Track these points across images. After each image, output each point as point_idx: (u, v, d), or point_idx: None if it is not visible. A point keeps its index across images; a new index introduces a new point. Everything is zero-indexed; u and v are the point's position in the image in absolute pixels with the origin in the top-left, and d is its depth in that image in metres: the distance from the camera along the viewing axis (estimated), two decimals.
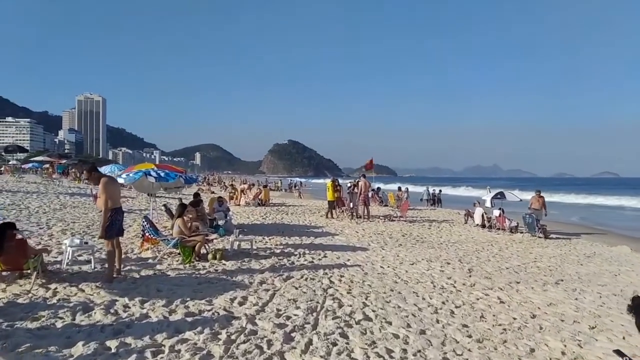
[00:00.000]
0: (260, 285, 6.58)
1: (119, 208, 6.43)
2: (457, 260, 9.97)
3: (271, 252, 9.51)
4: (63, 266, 6.87)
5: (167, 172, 8.62)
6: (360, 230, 14.30)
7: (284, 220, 16.40)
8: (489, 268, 9.22)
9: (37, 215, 13.26)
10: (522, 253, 11.66)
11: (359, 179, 17.95)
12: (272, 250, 9.84)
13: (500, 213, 16.39)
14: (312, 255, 9.45)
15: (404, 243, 12.13)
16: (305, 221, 16.37)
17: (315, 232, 13.53)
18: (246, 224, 14.68)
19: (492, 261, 10.11)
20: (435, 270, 8.64)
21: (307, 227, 14.77)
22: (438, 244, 12.46)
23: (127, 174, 8.67)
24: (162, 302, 5.40)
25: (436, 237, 13.94)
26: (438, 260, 9.81)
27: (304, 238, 11.99)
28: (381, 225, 16.02)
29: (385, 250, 10.82)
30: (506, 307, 6.22)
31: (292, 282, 6.87)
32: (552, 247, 13.04)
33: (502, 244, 13.08)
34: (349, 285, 6.92)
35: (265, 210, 19.32)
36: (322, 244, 11.15)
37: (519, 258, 10.80)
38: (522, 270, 9.19)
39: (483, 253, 11.25)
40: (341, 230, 14.11)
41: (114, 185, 6.47)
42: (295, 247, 10.43)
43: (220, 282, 6.66)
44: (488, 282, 7.75)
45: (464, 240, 13.55)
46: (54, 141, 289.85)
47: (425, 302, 6.22)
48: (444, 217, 20.69)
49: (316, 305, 5.66)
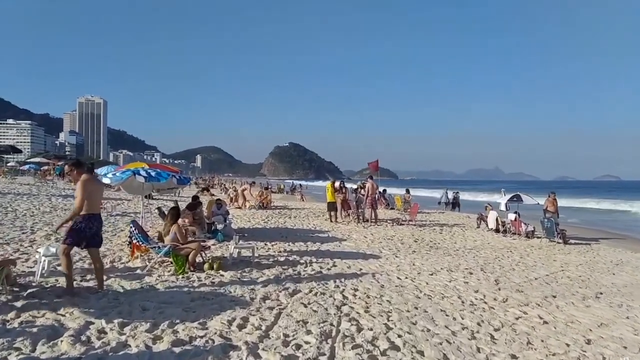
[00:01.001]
0: (263, 302, 5.66)
1: (96, 215, 5.53)
2: (480, 269, 9.05)
3: (274, 261, 8.60)
4: (36, 278, 5.98)
5: (158, 172, 7.71)
6: (368, 235, 13.38)
7: (286, 224, 15.49)
8: (516, 278, 8.30)
9: (23, 219, 12.38)
10: (545, 261, 10.74)
11: (366, 181, 17.05)
12: (275, 258, 8.93)
13: (516, 217, 15.46)
14: (319, 263, 8.54)
15: (417, 250, 11.20)
16: (309, 225, 15.46)
17: (321, 237, 12.61)
18: (247, 228, 13.77)
19: (516, 270, 9.19)
20: (458, 281, 7.72)
21: (311, 231, 13.85)
22: (454, 250, 11.54)
23: (113, 173, 7.77)
24: (146, 326, 4.49)
25: (450, 242, 13.02)
26: (458, 269, 8.89)
27: (310, 244, 11.08)
28: (390, 230, 15.09)
29: (398, 257, 9.90)
30: (552, 329, 5.30)
31: (300, 298, 5.95)
32: (575, 254, 12.12)
33: (521, 251, 12.16)
34: (365, 301, 6.00)
35: (267, 214, 18.40)
36: (329, 251, 10.24)
37: (544, 266, 9.88)
38: (553, 281, 8.27)
39: (504, 261, 10.33)
40: (348, 235, 13.19)
41: (95, 187, 5.58)
42: (300, 254, 9.52)
43: (216, 298, 5.75)
44: (521, 297, 6.83)
45: (480, 246, 12.63)
46: (54, 143, 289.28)
47: (457, 323, 5.30)
48: (454, 220, 19.76)
49: (330, 329, 4.74)
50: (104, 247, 9.08)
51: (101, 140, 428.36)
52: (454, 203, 27.03)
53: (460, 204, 27.32)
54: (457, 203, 27.01)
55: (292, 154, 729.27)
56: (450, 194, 27.59)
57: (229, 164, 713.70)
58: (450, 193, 27.75)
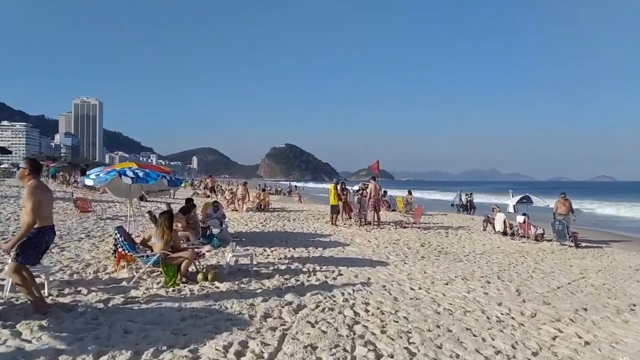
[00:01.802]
0: (264, 321, 4.96)
1: (49, 227, 4.75)
2: (496, 277, 8.37)
3: (275, 269, 7.89)
4: (5, 294, 5.24)
5: (147, 172, 6.97)
6: (372, 239, 12.69)
7: (286, 227, 14.77)
8: (537, 288, 7.63)
9: (6, 223, 11.66)
10: (562, 266, 10.09)
11: (369, 182, 16.39)
12: (275, 265, 8.22)
13: (525, 219, 14.82)
14: (324, 272, 7.84)
15: (426, 255, 10.52)
16: (309, 228, 14.75)
17: (322, 241, 11.91)
18: (244, 232, 13.05)
19: (535, 278, 8.52)
20: (477, 292, 7.04)
21: (312, 235, 13.15)
22: (464, 255, 10.87)
23: (97, 174, 7.03)
24: (127, 355, 3.78)
25: (458, 246, 12.34)
26: (474, 277, 8.21)
27: (311, 249, 10.38)
28: (394, 233, 14.41)
29: (408, 264, 9.21)
30: (597, 351, 4.62)
31: (306, 315, 5.24)
32: (590, 259, 11.48)
33: (534, 255, 11.51)
34: (380, 318, 5.30)
35: (265, 216, 17.67)
36: (333, 257, 9.54)
37: (563, 273, 9.22)
38: (577, 291, 7.60)
39: (520, 267, 9.66)
40: (351, 239, 12.50)
41: (45, 195, 4.73)
42: (302, 261, 8.82)
43: (211, 315, 5.03)
44: (550, 310, 6.15)
45: (491, 250, 11.96)
46: (49, 145, 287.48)
47: (488, 345, 4.60)
48: (458, 223, 19.10)
49: (345, 356, 4.04)
50: (88, 254, 8.38)
51: (97, 142, 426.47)
52: (468, 206, 26.20)
53: (475, 207, 26.37)
54: (471, 206, 26.14)
55: (289, 155, 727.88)
56: (464, 197, 26.84)
57: (226, 165, 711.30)
58: (463, 195, 27.00)
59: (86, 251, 8.70)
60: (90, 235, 10.68)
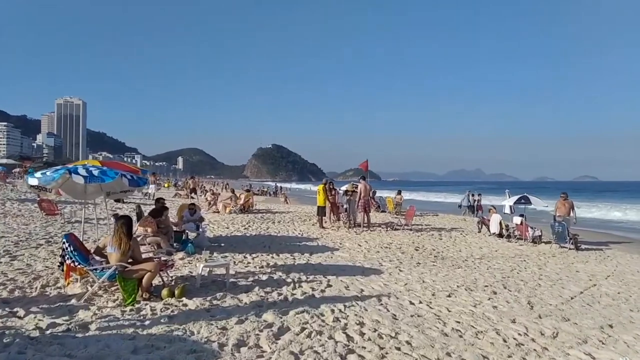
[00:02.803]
0: (236, 351, 4.02)
1: None
2: (502, 286, 7.54)
3: (255, 280, 6.95)
4: None
5: (103, 170, 5.94)
6: (363, 243, 11.81)
7: (270, 230, 13.81)
8: (550, 298, 6.82)
9: None
10: (567, 272, 9.34)
11: (358, 182, 15.53)
12: (255, 275, 7.27)
13: (522, 220, 14.09)
14: (310, 283, 6.92)
15: (422, 261, 9.67)
16: (295, 231, 13.81)
17: (309, 246, 10.99)
18: (224, 236, 12.06)
19: (543, 286, 7.72)
20: (484, 305, 6.19)
21: (298, 239, 12.21)
22: (462, 260, 10.06)
23: (43, 172, 5.99)
24: None
25: (454, 250, 11.54)
26: (477, 287, 7.38)
27: (297, 255, 9.46)
28: (385, 236, 13.55)
29: (403, 272, 8.35)
30: None
31: (289, 343, 4.31)
32: (594, 262, 10.77)
33: (535, 259, 10.76)
34: (378, 344, 4.40)
35: (248, 219, 16.65)
36: (321, 265, 8.63)
37: (571, 280, 8.45)
38: (594, 302, 6.82)
39: (524, 274, 8.87)
40: (340, 243, 11.60)
41: None
42: (286, 270, 7.89)
43: (170, 345, 4.08)
44: (573, 328, 5.31)
45: (489, 254, 11.18)
46: (31, 145, 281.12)
47: None
48: (450, 224, 18.34)
49: None
50: (42, 264, 7.34)
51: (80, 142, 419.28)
52: (475, 207, 24.56)
53: (482, 208, 24.34)
54: (479, 207, 24.45)
55: (275, 155, 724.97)
56: (472, 198, 24.97)
57: (212, 165, 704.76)
58: (471, 196, 25.08)
59: (41, 260, 7.65)
60: (52, 242, 9.61)
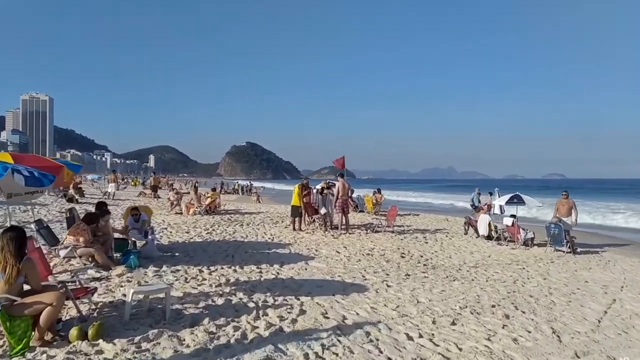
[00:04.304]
0: None
1: None
2: (512, 305, 6.23)
3: (207, 306, 5.40)
4: None
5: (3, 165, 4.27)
6: (342, 249, 10.38)
7: (236, 234, 12.20)
8: (575, 323, 5.53)
9: None
10: (575, 282, 8.15)
11: (336, 180, 14.10)
12: (209, 299, 5.72)
13: (513, 221, 12.95)
14: (278, 309, 5.41)
15: (411, 271, 8.30)
16: (265, 236, 12.24)
17: (280, 254, 9.47)
18: (181, 242, 10.41)
19: (558, 304, 6.46)
20: (501, 337, 4.82)
21: (268, 245, 10.67)
22: (456, 270, 8.74)
23: None
24: None
25: (444, 256, 10.25)
26: (483, 307, 6.04)
27: (264, 267, 7.94)
28: (366, 240, 12.16)
29: (392, 287, 6.95)
30: None
31: None
32: (598, 269, 9.65)
33: (534, 266, 9.58)
34: None
35: (213, 221, 14.96)
36: (292, 280, 7.13)
37: (585, 294, 7.23)
38: (628, 327, 5.54)
39: (529, 286, 7.60)
40: (316, 250, 10.14)
41: None
42: (250, 288, 6.39)
43: None
44: None
45: (483, 261, 9.93)
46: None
47: None
48: (433, 225, 17.11)
49: None
50: None
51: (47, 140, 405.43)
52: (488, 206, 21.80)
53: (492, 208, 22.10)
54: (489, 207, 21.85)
55: (250, 153, 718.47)
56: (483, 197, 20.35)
57: (184, 164, 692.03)
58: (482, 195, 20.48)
59: None
60: None
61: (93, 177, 46.53)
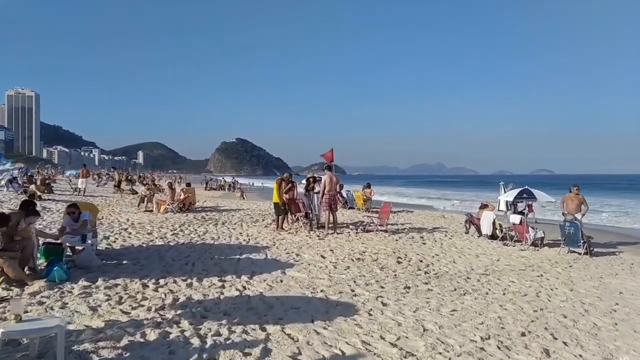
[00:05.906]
0: None
1: None
2: (545, 330, 4.74)
3: (126, 347, 3.81)
4: None
5: None
6: (328, 253, 8.83)
7: (207, 235, 10.59)
8: None
9: None
10: (608, 294, 6.72)
11: (324, 174, 12.54)
12: (139, 331, 4.13)
13: (521, 219, 11.51)
14: (231, 350, 3.84)
15: (411, 282, 6.78)
16: (241, 237, 10.64)
17: (252, 261, 7.88)
18: (136, 245, 8.77)
19: (604, 330, 4.99)
20: None
21: (240, 249, 9.06)
22: (464, 279, 7.24)
23: None
24: None
25: (447, 261, 8.75)
26: (511, 336, 4.53)
27: (229, 280, 6.36)
28: (356, 241, 10.62)
29: (388, 306, 5.42)
30: None
31: None
32: (625, 275, 8.23)
33: (552, 272, 8.14)
34: None
35: (185, 220, 13.29)
36: (262, 298, 5.55)
37: (630, 312, 5.79)
38: None
39: (556, 301, 6.14)
40: (297, 255, 8.58)
41: None
42: (200, 313, 4.80)
43: None
44: None
45: (492, 266, 8.46)
46: None
47: None
48: (430, 223, 15.63)
49: None
50: None
51: (33, 136, 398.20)
52: None
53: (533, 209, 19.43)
54: None
55: (240, 149, 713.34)
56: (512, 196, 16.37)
57: (173, 160, 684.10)
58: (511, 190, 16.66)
59: None
60: None
61: (71, 173, 44.49)
